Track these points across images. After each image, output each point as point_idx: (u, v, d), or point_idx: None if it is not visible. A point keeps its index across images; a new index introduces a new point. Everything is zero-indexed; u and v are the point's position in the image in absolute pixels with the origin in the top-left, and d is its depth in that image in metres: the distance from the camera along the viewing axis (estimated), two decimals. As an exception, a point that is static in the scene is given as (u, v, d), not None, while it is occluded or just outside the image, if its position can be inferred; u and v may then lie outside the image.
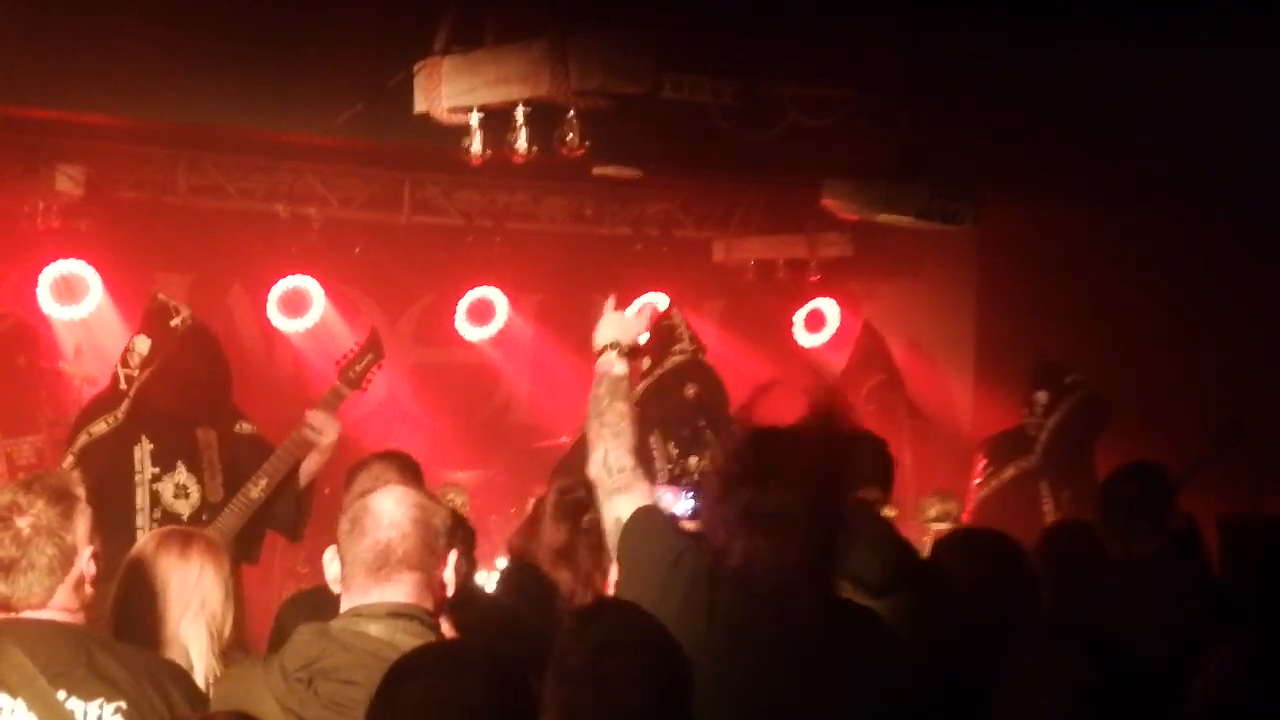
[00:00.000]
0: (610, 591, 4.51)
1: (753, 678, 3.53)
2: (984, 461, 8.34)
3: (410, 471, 5.19)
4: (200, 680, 3.81)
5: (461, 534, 4.43)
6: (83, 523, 3.45)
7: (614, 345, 4.16)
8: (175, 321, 6.57)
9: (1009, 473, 8.24)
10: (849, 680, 3.59)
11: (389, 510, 3.37)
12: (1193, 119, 7.51)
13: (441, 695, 2.78)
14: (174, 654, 3.86)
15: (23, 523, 3.39)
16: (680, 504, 6.65)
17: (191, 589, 4.00)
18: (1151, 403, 8.96)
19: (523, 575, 5.30)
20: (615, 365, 4.13)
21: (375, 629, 3.26)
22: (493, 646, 3.02)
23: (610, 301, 4.40)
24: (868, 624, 3.77)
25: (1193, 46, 6.68)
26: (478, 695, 2.78)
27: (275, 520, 6.58)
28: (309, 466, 6.49)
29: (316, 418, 6.40)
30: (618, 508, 3.85)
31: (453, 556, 3.44)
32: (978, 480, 8.32)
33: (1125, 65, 6.99)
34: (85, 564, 3.45)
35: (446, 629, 3.56)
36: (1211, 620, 4.69)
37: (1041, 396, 8.28)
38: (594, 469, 3.95)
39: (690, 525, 4.62)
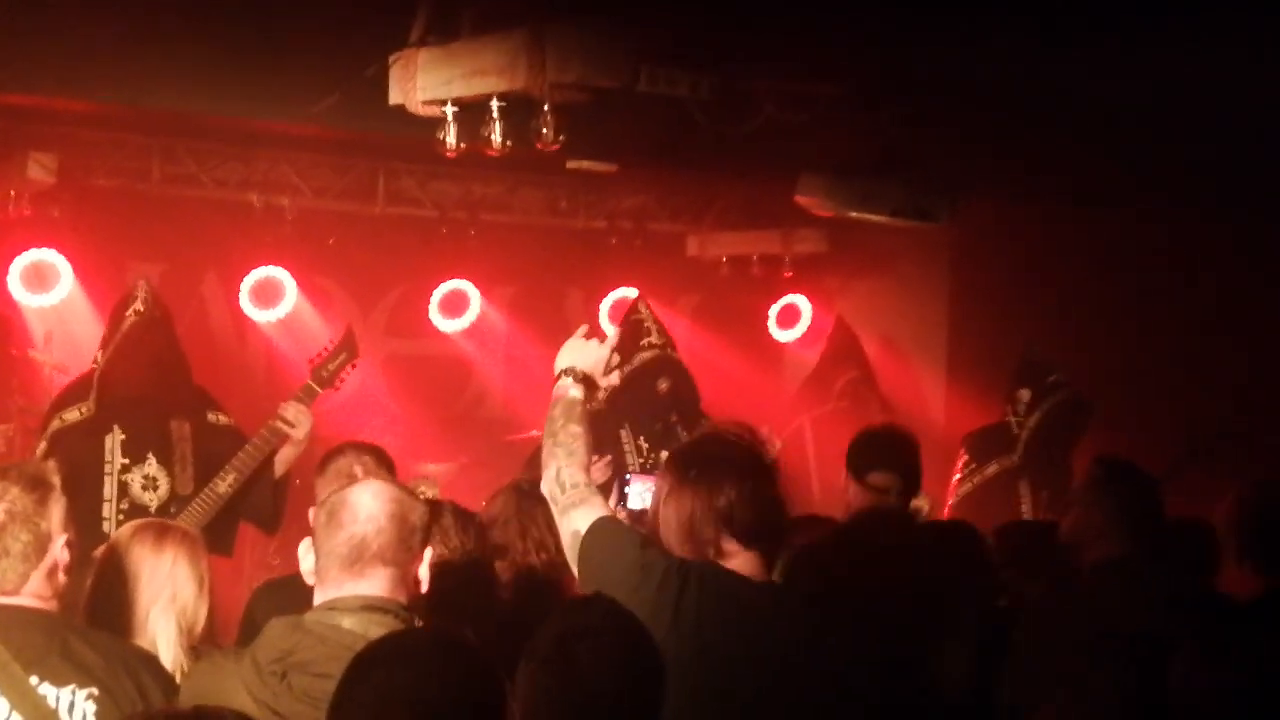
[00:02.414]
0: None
1: (718, 668, 3.62)
2: (965, 457, 8.34)
3: (384, 462, 5.19)
4: (166, 672, 3.80)
5: (474, 529, 4.46)
6: (57, 510, 3.46)
7: (570, 371, 4.23)
8: (129, 311, 6.50)
9: (990, 470, 8.24)
10: (811, 668, 3.69)
11: (366, 504, 3.35)
12: (1168, 118, 7.53)
13: (405, 683, 2.76)
14: (142, 644, 3.85)
15: (-3, 508, 3.39)
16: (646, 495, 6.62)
17: (163, 580, 3.99)
18: (1124, 402, 8.98)
19: None
20: (570, 390, 4.20)
21: (349, 622, 3.25)
22: (460, 635, 3.01)
23: (581, 330, 4.47)
24: (823, 615, 3.89)
25: (1167, 45, 6.70)
26: (446, 683, 2.77)
27: (251, 512, 6.53)
28: (284, 458, 6.45)
29: (290, 410, 6.36)
30: (574, 521, 3.93)
31: (428, 553, 3.43)
32: (959, 476, 8.32)
33: (1101, 65, 7.00)
34: (59, 551, 3.46)
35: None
36: (1188, 625, 4.67)
37: (1024, 394, 8.27)
38: (547, 485, 4.06)
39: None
